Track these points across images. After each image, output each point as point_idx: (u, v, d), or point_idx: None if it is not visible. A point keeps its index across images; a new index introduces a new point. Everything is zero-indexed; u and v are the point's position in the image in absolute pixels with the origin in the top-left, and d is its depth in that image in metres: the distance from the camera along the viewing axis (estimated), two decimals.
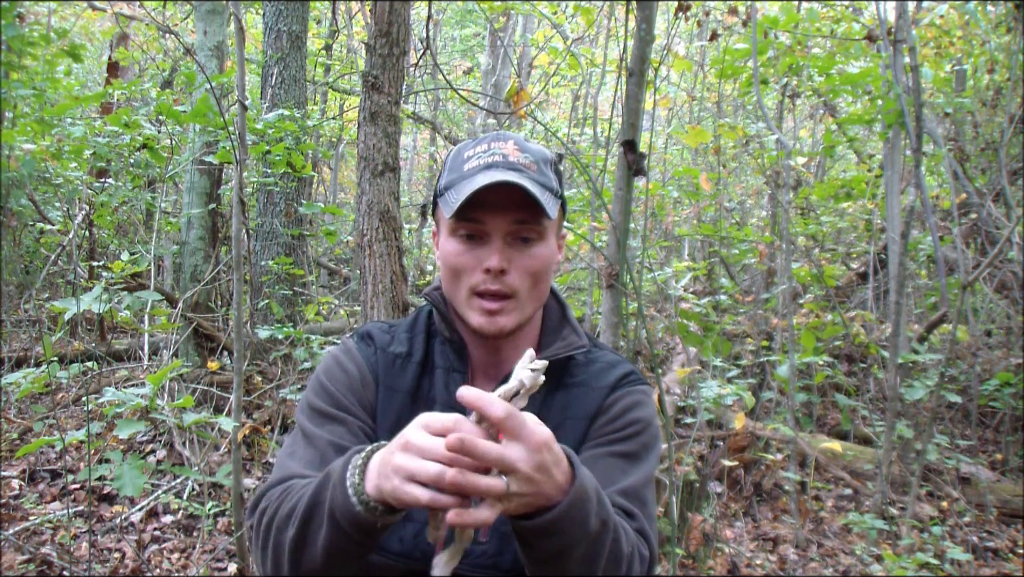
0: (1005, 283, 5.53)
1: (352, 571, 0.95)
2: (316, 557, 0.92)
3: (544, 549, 0.86)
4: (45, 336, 3.61)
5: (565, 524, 0.84)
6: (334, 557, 0.91)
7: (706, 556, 3.45)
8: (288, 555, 0.95)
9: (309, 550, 0.93)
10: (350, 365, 1.14)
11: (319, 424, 1.08)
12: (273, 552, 0.97)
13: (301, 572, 0.95)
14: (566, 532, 0.84)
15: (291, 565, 0.95)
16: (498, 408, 0.79)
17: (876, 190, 5.86)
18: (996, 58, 6.11)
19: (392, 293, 2.68)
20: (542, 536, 0.84)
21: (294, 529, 0.93)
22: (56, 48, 4.62)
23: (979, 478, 4.27)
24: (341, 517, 0.87)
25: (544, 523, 0.83)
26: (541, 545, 0.86)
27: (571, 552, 0.86)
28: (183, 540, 3.32)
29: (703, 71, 7.39)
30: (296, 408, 1.17)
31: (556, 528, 0.83)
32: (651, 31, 2.67)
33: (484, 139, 1.10)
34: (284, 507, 0.97)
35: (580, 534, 0.85)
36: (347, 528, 0.87)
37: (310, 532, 0.92)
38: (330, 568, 0.93)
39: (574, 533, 0.85)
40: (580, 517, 0.85)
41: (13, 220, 6.33)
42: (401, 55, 2.71)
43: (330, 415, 1.09)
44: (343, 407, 1.10)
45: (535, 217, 1.04)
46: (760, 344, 5.42)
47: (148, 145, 3.93)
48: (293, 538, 0.94)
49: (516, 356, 1.14)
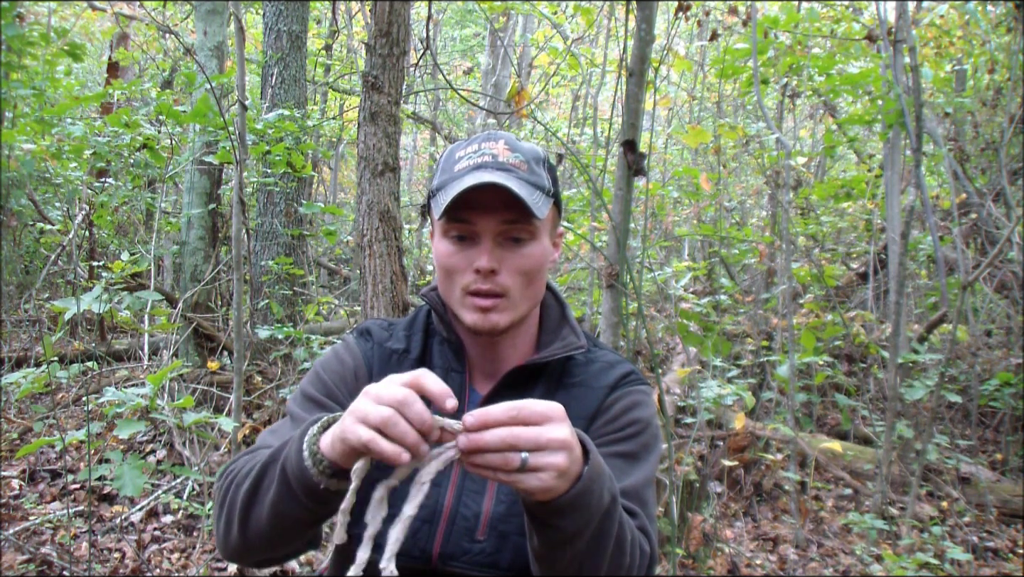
0: (1005, 283, 5.53)
1: (294, 542, 0.95)
2: (262, 516, 0.93)
3: (562, 529, 0.85)
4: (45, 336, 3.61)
5: (585, 499, 0.83)
6: (278, 518, 0.91)
7: (706, 556, 3.45)
8: (239, 512, 0.95)
9: (257, 508, 0.93)
10: (347, 357, 1.16)
11: (307, 409, 1.10)
12: (227, 509, 0.98)
13: (248, 532, 0.95)
14: (585, 508, 0.84)
15: (240, 523, 0.95)
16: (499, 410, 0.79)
17: (876, 190, 5.87)
18: (996, 58, 6.11)
19: (392, 293, 2.68)
20: (563, 514, 0.83)
21: (248, 483, 0.94)
22: (56, 48, 4.62)
23: (979, 478, 4.27)
24: (290, 472, 0.88)
25: (567, 500, 0.82)
26: (560, 525, 0.85)
27: (587, 530, 0.86)
28: (183, 540, 3.32)
29: (703, 71, 7.40)
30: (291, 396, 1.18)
31: (576, 504, 0.83)
32: (651, 31, 2.67)
33: (475, 139, 1.11)
34: (247, 467, 0.98)
35: (596, 508, 0.85)
36: (293, 484, 0.88)
37: (262, 488, 0.93)
38: (273, 531, 0.93)
39: (592, 507, 0.84)
40: (597, 490, 0.85)
41: (13, 220, 6.33)
42: (401, 55, 2.71)
43: (319, 401, 1.11)
44: (333, 396, 1.11)
45: (525, 217, 1.04)
46: (760, 344, 5.42)
47: (148, 145, 3.93)
48: (246, 492, 0.94)
49: (514, 356, 1.14)
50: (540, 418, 0.79)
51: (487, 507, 1.05)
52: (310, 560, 3.26)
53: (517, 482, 0.79)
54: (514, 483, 0.79)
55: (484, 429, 0.78)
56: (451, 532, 1.05)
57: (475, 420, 0.78)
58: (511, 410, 0.79)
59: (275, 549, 0.98)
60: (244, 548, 0.98)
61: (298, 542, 0.97)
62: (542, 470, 0.78)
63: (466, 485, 1.07)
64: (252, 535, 0.95)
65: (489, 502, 1.05)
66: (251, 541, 0.96)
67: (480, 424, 0.78)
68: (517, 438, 0.77)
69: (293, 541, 0.96)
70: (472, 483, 1.07)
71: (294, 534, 0.94)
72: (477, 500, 1.06)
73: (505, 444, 0.77)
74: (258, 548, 0.97)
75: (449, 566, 1.04)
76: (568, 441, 0.79)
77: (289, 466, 0.88)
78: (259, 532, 0.94)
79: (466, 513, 1.05)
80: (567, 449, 0.79)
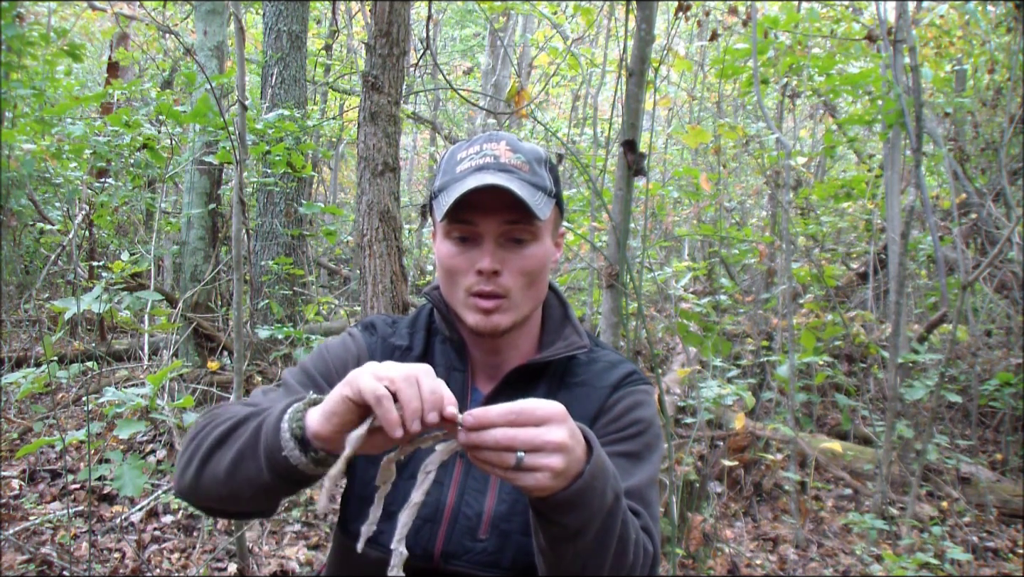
0: (1005, 283, 5.53)
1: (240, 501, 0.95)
2: (222, 465, 0.93)
3: (566, 525, 0.85)
4: (45, 336, 3.61)
5: (587, 496, 0.84)
6: (235, 472, 0.92)
7: (706, 556, 3.45)
8: (203, 452, 0.96)
9: (220, 455, 0.94)
10: (351, 345, 1.17)
11: (301, 381, 1.11)
12: (194, 446, 0.98)
13: (203, 475, 0.95)
14: (588, 504, 0.84)
15: (200, 464, 0.96)
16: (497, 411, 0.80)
17: (876, 190, 5.87)
18: (996, 58, 6.11)
19: (392, 293, 2.68)
20: (565, 511, 0.84)
21: (222, 429, 0.95)
22: (56, 48, 4.62)
23: (979, 478, 4.27)
24: (263, 435, 0.89)
25: (568, 496, 0.83)
26: (564, 521, 0.85)
27: (590, 527, 0.86)
28: (183, 540, 3.32)
29: (703, 71, 7.40)
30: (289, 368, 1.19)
31: (579, 500, 0.83)
32: (651, 31, 2.67)
33: (477, 140, 1.11)
34: (227, 414, 0.99)
35: (599, 505, 0.86)
36: (262, 447, 0.88)
37: (231, 438, 0.94)
38: (226, 482, 0.93)
39: (594, 505, 0.85)
40: (600, 488, 0.85)
41: (13, 220, 6.33)
42: (401, 55, 2.71)
43: (314, 379, 1.12)
44: (330, 378, 1.11)
45: (526, 218, 1.04)
46: (760, 344, 5.42)
47: (148, 145, 3.92)
48: (216, 437, 0.95)
49: (516, 356, 1.14)
50: (539, 420, 0.80)
51: (489, 506, 1.05)
52: (310, 560, 3.26)
53: (514, 479, 0.80)
54: (511, 480, 0.81)
55: (482, 429, 0.79)
56: (453, 531, 1.05)
57: (474, 420, 0.80)
58: (510, 413, 0.80)
59: (222, 501, 0.97)
60: (194, 488, 0.98)
61: (244, 504, 0.97)
62: (538, 470, 0.80)
63: (468, 484, 1.07)
64: (206, 479, 0.95)
65: (491, 501, 1.05)
66: (203, 484, 0.96)
67: (478, 424, 0.80)
68: (513, 440, 0.79)
69: (240, 500, 0.96)
70: (474, 482, 1.07)
71: (243, 493, 0.94)
72: (479, 499, 1.06)
73: (501, 445, 0.79)
74: (207, 494, 0.97)
75: (451, 565, 1.04)
76: (565, 444, 0.80)
77: (264, 429, 0.89)
78: (213, 478, 0.95)
79: (468, 512, 1.05)
80: (564, 451, 0.80)
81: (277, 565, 3.19)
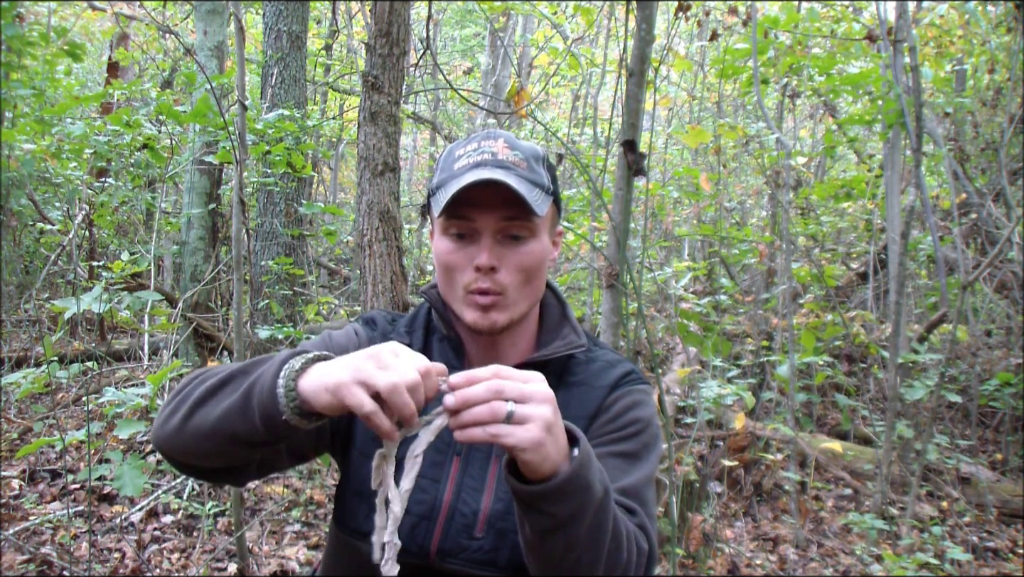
0: (1005, 283, 5.53)
1: (222, 458, 0.95)
2: (210, 417, 0.91)
3: (555, 514, 0.86)
4: (45, 336, 3.61)
5: (576, 482, 0.84)
6: (223, 426, 0.90)
7: (706, 556, 3.45)
8: (190, 403, 0.94)
9: (208, 408, 0.92)
10: (354, 337, 1.17)
11: None
12: (180, 397, 0.96)
13: (187, 426, 0.94)
14: (576, 493, 0.85)
15: (185, 414, 0.94)
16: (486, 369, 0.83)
17: (876, 190, 5.87)
18: (996, 58, 6.11)
19: (392, 293, 2.68)
20: (552, 500, 0.85)
21: (212, 382, 0.94)
22: (56, 48, 4.62)
23: (979, 478, 4.27)
24: (257, 392, 0.88)
25: (554, 486, 0.83)
26: (551, 511, 0.86)
27: (581, 518, 0.87)
28: (183, 540, 3.32)
29: (703, 71, 7.39)
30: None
31: (568, 488, 0.84)
32: (651, 31, 2.67)
33: (475, 137, 1.11)
34: (216, 370, 0.98)
35: (586, 498, 0.86)
36: (255, 403, 0.87)
37: (222, 392, 0.92)
38: (212, 436, 0.92)
39: (581, 497, 0.85)
40: (586, 480, 0.86)
41: (13, 220, 6.33)
42: (401, 55, 2.71)
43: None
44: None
45: (524, 214, 1.05)
46: (760, 344, 5.42)
47: (148, 145, 3.93)
48: (206, 389, 0.94)
49: (514, 354, 1.14)
50: (522, 377, 0.83)
51: (486, 504, 1.05)
52: (310, 560, 3.26)
53: (505, 436, 0.80)
54: (502, 438, 0.80)
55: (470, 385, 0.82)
56: (449, 529, 1.05)
57: (461, 378, 0.82)
58: (493, 368, 0.83)
59: (203, 457, 0.96)
60: (175, 440, 0.96)
61: (224, 461, 0.96)
62: (529, 421, 0.81)
63: (465, 482, 1.07)
64: (190, 430, 0.94)
65: (488, 499, 1.05)
66: (185, 436, 0.94)
67: (466, 381, 0.82)
68: (502, 389, 0.81)
69: (221, 456, 0.95)
70: (471, 480, 1.07)
71: (227, 450, 0.93)
72: (476, 497, 1.06)
73: (492, 392, 0.80)
74: (187, 447, 0.95)
75: (447, 563, 1.04)
76: (551, 397, 0.83)
77: (259, 386, 0.88)
78: (198, 430, 0.93)
79: (464, 510, 1.05)
80: (550, 402, 0.83)
81: (277, 565, 3.19)
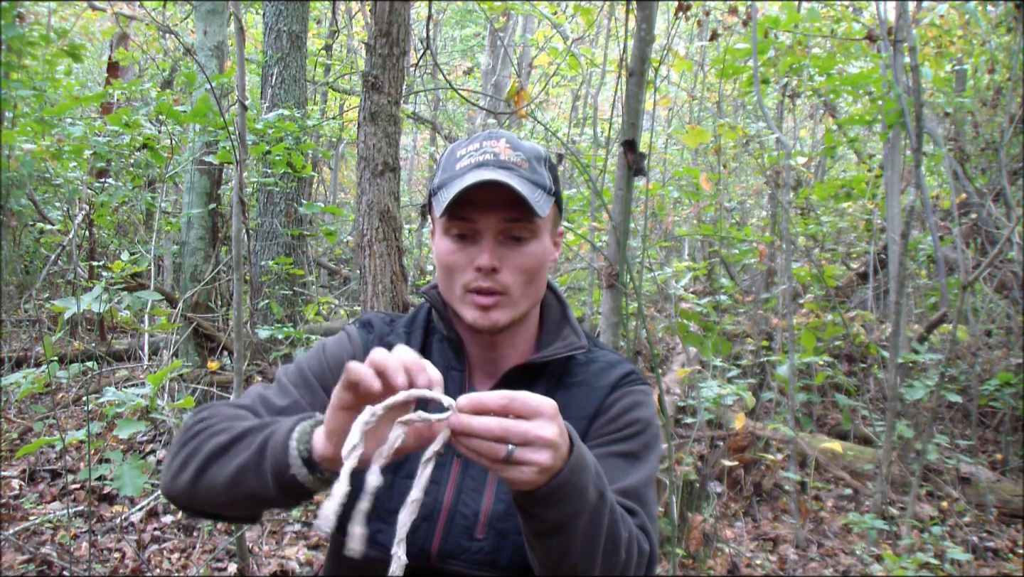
0: (1005, 283, 5.53)
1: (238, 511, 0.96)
2: (222, 476, 0.93)
3: (548, 520, 0.86)
4: (45, 336, 3.61)
5: (567, 491, 0.84)
6: (237, 485, 0.92)
7: (706, 556, 3.45)
8: (200, 460, 0.95)
9: (220, 466, 0.93)
10: (348, 345, 1.17)
11: (297, 384, 1.11)
12: (188, 451, 0.97)
13: (199, 483, 0.95)
14: (568, 499, 0.85)
15: (196, 471, 0.95)
16: (493, 397, 0.80)
17: (876, 190, 5.87)
18: (996, 58, 6.11)
19: (392, 293, 2.68)
20: (546, 505, 0.85)
21: (223, 438, 0.95)
22: (56, 48, 4.63)
23: (979, 478, 4.26)
24: (271, 448, 0.89)
25: (547, 491, 0.83)
26: (545, 516, 0.86)
27: (575, 523, 0.87)
28: (183, 540, 3.32)
29: (703, 71, 7.40)
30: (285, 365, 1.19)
31: (559, 495, 0.84)
32: (651, 31, 2.67)
33: (476, 138, 1.11)
34: (225, 422, 0.98)
35: (580, 503, 0.86)
36: (268, 459, 0.88)
37: (234, 450, 0.93)
38: (225, 494, 0.93)
39: (575, 501, 0.85)
40: (580, 484, 0.85)
41: (13, 220, 6.33)
42: (401, 55, 2.71)
43: (309, 383, 1.12)
44: (324, 382, 1.11)
45: (526, 215, 1.04)
46: (760, 344, 5.42)
47: (148, 145, 3.93)
48: (216, 446, 0.94)
49: (514, 355, 1.14)
50: (531, 413, 0.80)
51: (486, 505, 1.05)
52: (310, 560, 3.26)
53: (499, 471, 0.80)
54: (497, 471, 0.81)
55: (476, 413, 0.80)
56: (450, 530, 1.05)
57: (468, 403, 0.80)
58: (504, 399, 0.80)
59: (217, 508, 0.98)
60: (188, 495, 0.97)
61: (240, 514, 0.98)
62: (525, 464, 0.80)
63: (465, 483, 1.07)
64: (202, 488, 0.95)
65: (488, 500, 1.05)
66: (198, 493, 0.96)
67: (473, 408, 0.80)
68: (507, 431, 0.79)
69: (237, 510, 0.97)
70: (471, 481, 1.07)
71: (242, 505, 0.95)
72: (476, 498, 1.06)
73: (494, 435, 0.79)
74: (201, 501, 0.97)
75: (448, 564, 1.04)
76: (555, 440, 0.81)
77: (271, 447, 0.89)
78: (211, 488, 0.94)
79: (465, 511, 1.05)
80: (553, 448, 0.81)
81: (277, 565, 3.19)
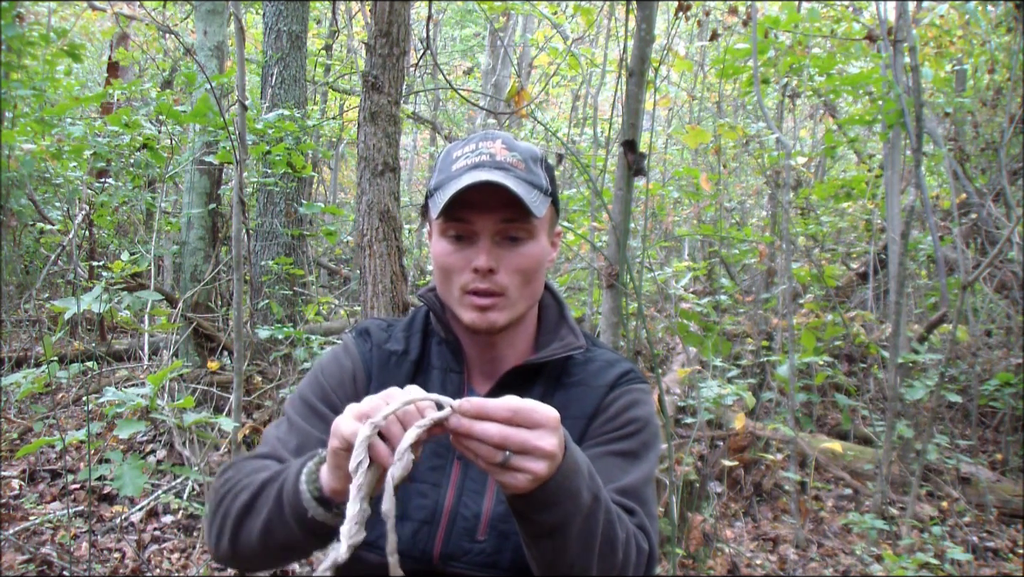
0: (1005, 283, 5.53)
1: (283, 560, 1.01)
2: (254, 533, 0.97)
3: (542, 523, 0.87)
4: (45, 336, 3.61)
5: (559, 495, 0.85)
6: (269, 538, 0.95)
7: (706, 556, 3.45)
8: (232, 523, 0.99)
9: (249, 524, 0.97)
10: (345, 360, 1.16)
11: (304, 415, 1.12)
12: (221, 518, 1.01)
13: (239, 544, 0.99)
14: (560, 504, 0.85)
15: (232, 534, 0.99)
16: (496, 406, 0.80)
17: (876, 190, 5.87)
18: (996, 58, 6.11)
19: (392, 293, 2.68)
20: (539, 508, 0.85)
21: (244, 497, 0.98)
22: (56, 48, 4.62)
23: (979, 478, 4.26)
24: (286, 497, 0.92)
25: (540, 495, 0.84)
26: (539, 519, 0.87)
27: (569, 525, 0.87)
28: (183, 540, 3.32)
29: (703, 71, 7.39)
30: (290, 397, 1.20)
31: (551, 499, 0.84)
32: (651, 31, 2.67)
33: (473, 139, 1.11)
34: (246, 479, 1.01)
35: (574, 506, 0.86)
36: (287, 509, 0.92)
37: (256, 506, 0.97)
38: (263, 549, 0.97)
39: (568, 505, 0.86)
40: (573, 488, 0.86)
41: (13, 220, 6.33)
42: (401, 55, 2.71)
43: (317, 411, 1.12)
44: (331, 403, 1.12)
45: (522, 216, 1.04)
46: (760, 344, 5.42)
47: (148, 145, 3.93)
48: (241, 506, 0.98)
49: (512, 355, 1.14)
50: (534, 423, 0.81)
51: (487, 507, 1.05)
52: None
53: (495, 474, 0.82)
54: (492, 474, 0.82)
55: (478, 419, 0.80)
56: (451, 532, 1.05)
57: (472, 408, 0.81)
58: (507, 411, 0.81)
59: (265, 563, 1.02)
60: (234, 556, 1.02)
61: (287, 561, 1.02)
62: (520, 472, 0.81)
63: (466, 485, 1.07)
64: (242, 547, 0.99)
65: (489, 502, 1.05)
66: (241, 552, 1.00)
67: (476, 413, 0.81)
68: (506, 439, 0.80)
69: (281, 560, 1.01)
70: (472, 483, 1.07)
71: (282, 555, 1.00)
72: (477, 500, 1.06)
73: (493, 441, 0.80)
74: (247, 559, 1.01)
75: (450, 567, 1.04)
76: (553, 452, 0.82)
77: (285, 495, 0.92)
78: (249, 546, 0.98)
79: (466, 513, 1.05)
80: (550, 459, 0.82)
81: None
